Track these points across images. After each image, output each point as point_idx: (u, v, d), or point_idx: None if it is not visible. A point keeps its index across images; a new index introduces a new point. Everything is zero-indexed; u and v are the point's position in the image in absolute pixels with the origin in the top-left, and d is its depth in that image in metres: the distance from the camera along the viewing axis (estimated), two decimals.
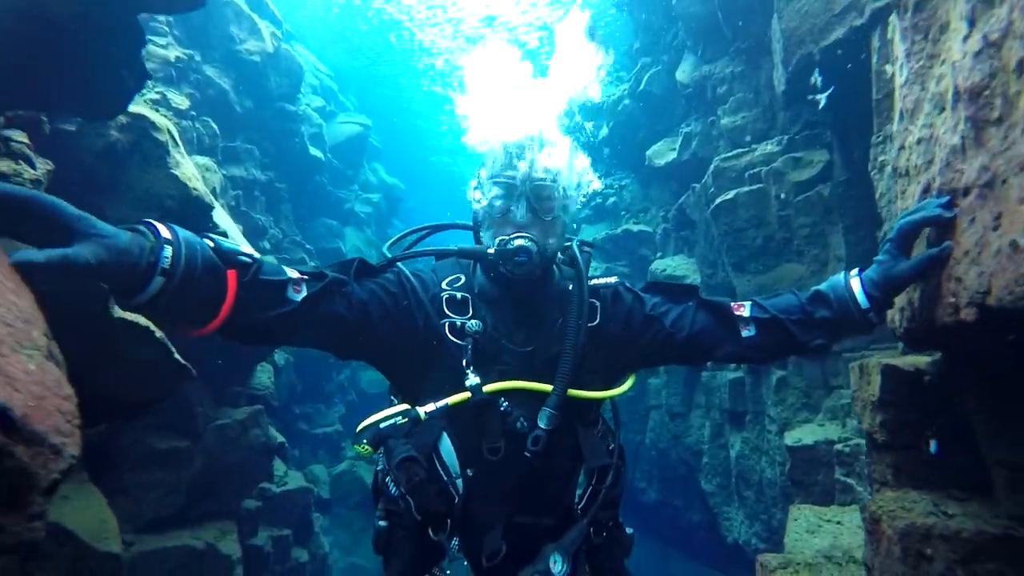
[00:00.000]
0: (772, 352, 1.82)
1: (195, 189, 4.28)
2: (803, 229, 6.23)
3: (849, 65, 4.56)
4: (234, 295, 1.43)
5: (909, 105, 2.08)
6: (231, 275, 1.44)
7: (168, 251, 1.31)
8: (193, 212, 4.32)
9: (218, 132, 8.16)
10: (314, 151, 12.60)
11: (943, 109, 1.79)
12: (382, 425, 1.55)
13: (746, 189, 6.71)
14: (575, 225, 1.94)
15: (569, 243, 1.87)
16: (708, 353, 1.83)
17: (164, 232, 1.33)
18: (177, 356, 2.55)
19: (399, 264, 1.75)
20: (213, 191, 6.15)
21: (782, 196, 6.37)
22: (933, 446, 1.48)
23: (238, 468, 5.57)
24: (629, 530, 1.89)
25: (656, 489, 9.61)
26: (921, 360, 2.26)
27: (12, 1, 1.43)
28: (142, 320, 2.49)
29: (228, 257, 1.45)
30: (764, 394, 6.80)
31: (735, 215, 6.75)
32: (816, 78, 5.03)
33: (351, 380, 15.18)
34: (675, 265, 9.05)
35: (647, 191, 11.28)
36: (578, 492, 1.76)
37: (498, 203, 1.71)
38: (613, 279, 1.86)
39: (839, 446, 4.86)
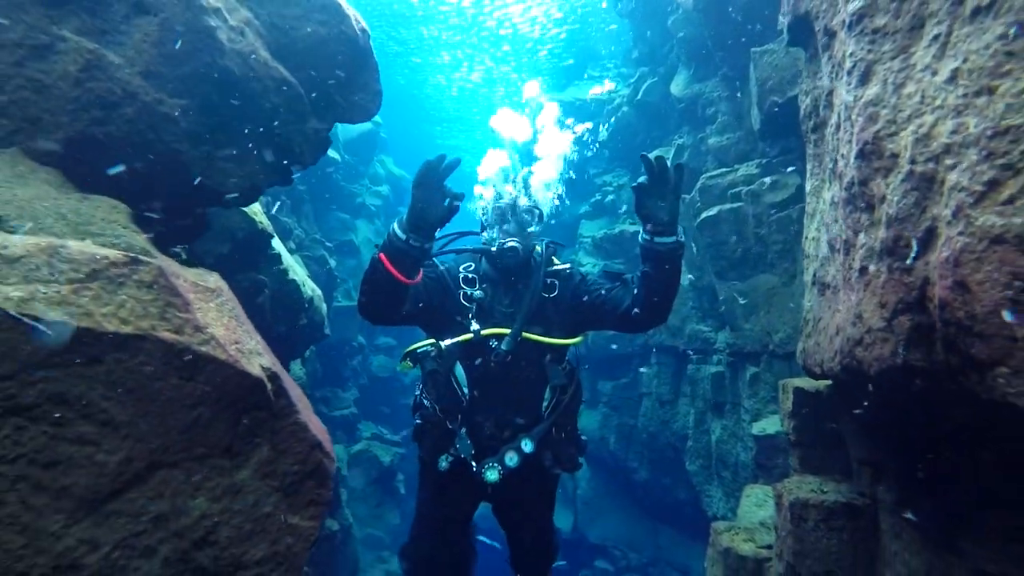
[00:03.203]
0: (644, 296, 2.67)
1: (260, 222, 5.16)
2: (776, 245, 7.09)
3: None
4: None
5: (810, 210, 2.97)
6: None
7: None
8: (258, 242, 5.21)
9: None
10: (331, 152, 13.40)
11: (824, 224, 2.68)
12: (419, 351, 2.74)
13: (728, 206, 7.55)
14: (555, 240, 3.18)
15: (542, 241, 3.02)
16: (616, 310, 2.80)
17: None
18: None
19: (435, 259, 2.87)
20: None
21: (758, 215, 7.23)
22: None
23: None
24: (584, 437, 2.96)
25: (647, 469, 10.55)
26: (820, 384, 3.16)
27: (233, 186, 2.25)
28: None
29: None
30: (740, 387, 7.71)
31: (717, 229, 7.60)
32: None
33: (363, 365, 16.11)
34: None
35: None
36: (544, 404, 2.83)
37: (498, 219, 2.86)
38: (568, 265, 3.01)
39: None
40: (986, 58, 1.46)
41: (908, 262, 1.75)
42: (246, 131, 2.26)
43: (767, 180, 7.18)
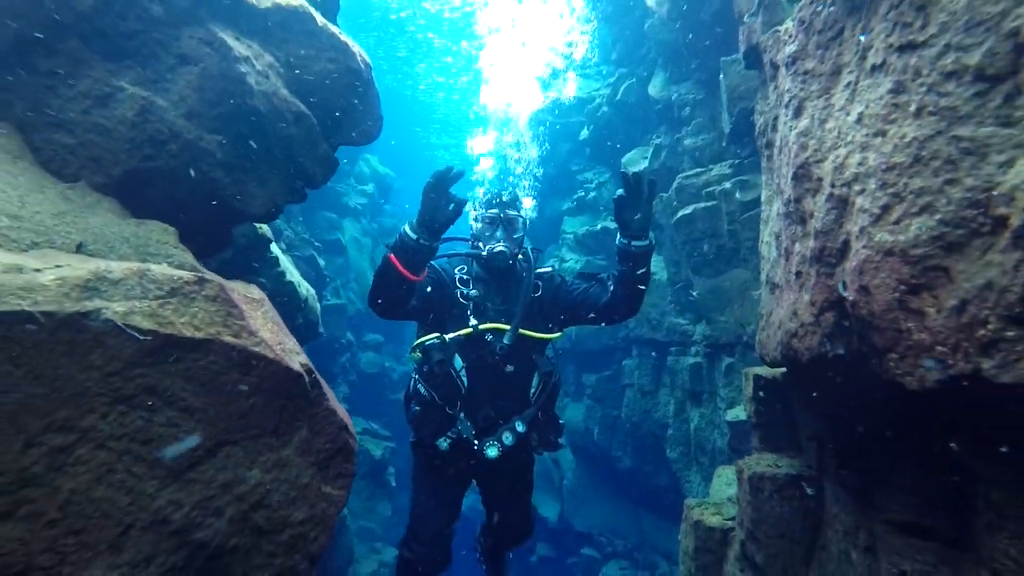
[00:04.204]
0: (622, 291, 3.09)
1: (260, 228, 5.45)
2: (748, 241, 7.49)
3: None
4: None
5: (764, 217, 3.33)
6: None
7: None
8: (259, 246, 5.50)
9: None
10: None
11: (773, 232, 3.04)
12: (426, 343, 3.07)
13: (702, 205, 7.93)
14: (537, 245, 3.59)
15: (526, 248, 3.40)
16: (595, 304, 3.22)
17: None
18: None
19: (433, 262, 3.16)
20: None
21: (731, 213, 7.63)
22: None
23: None
24: (561, 421, 3.38)
25: (630, 457, 10.95)
26: (776, 371, 3.54)
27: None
28: None
29: None
30: (717, 377, 8.12)
31: (693, 227, 7.98)
32: None
33: (352, 362, 16.36)
34: None
35: None
36: (532, 390, 3.22)
37: (488, 227, 3.25)
38: (550, 268, 3.45)
39: None
40: (880, 107, 1.82)
41: (831, 268, 2.11)
42: (269, 159, 2.59)
43: (738, 180, 7.58)
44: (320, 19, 2.75)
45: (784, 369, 3.50)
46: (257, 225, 5.50)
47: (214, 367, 1.61)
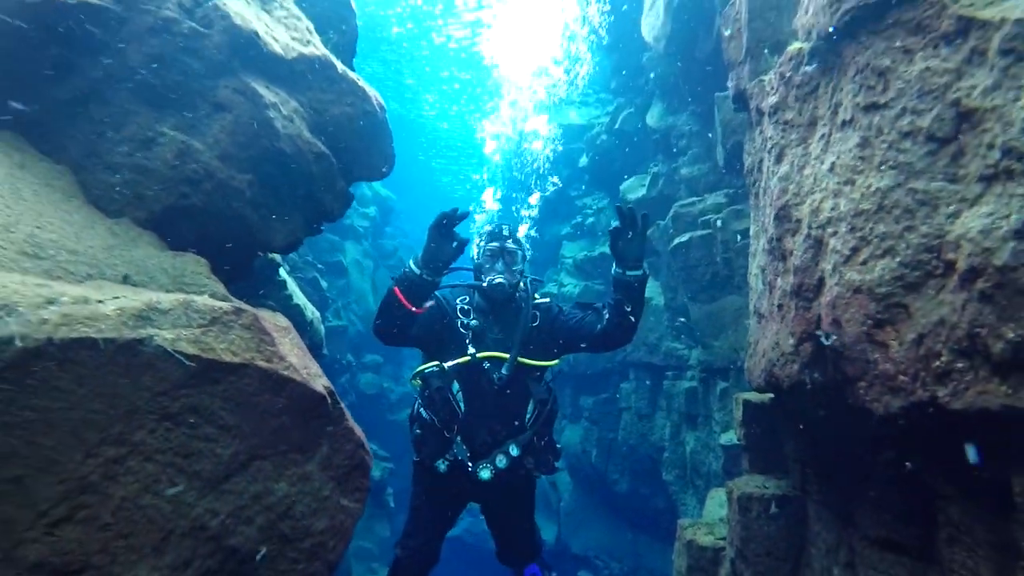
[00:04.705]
0: (617, 319, 3.26)
1: (270, 254, 5.65)
2: (741, 269, 7.67)
3: None
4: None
5: (752, 250, 3.53)
6: None
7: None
8: (268, 271, 5.69)
9: None
10: None
11: (760, 265, 3.23)
12: (426, 371, 3.21)
13: (699, 233, 8.14)
14: (535, 273, 3.71)
15: (525, 278, 3.56)
16: (591, 332, 3.37)
17: None
18: None
19: (436, 292, 3.34)
20: None
21: (726, 241, 7.84)
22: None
23: None
24: (559, 445, 3.52)
25: (627, 480, 11.03)
26: (765, 396, 3.71)
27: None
28: None
29: None
30: (712, 401, 8.26)
31: (689, 254, 8.18)
32: None
33: (351, 383, 16.47)
34: None
35: None
36: (528, 416, 3.34)
37: (488, 260, 3.40)
38: (547, 299, 3.60)
39: None
40: (849, 158, 2.02)
41: (808, 302, 2.30)
42: (292, 196, 2.81)
43: (732, 210, 7.81)
44: (340, 66, 2.99)
45: (772, 395, 3.68)
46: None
47: (249, 389, 1.79)
